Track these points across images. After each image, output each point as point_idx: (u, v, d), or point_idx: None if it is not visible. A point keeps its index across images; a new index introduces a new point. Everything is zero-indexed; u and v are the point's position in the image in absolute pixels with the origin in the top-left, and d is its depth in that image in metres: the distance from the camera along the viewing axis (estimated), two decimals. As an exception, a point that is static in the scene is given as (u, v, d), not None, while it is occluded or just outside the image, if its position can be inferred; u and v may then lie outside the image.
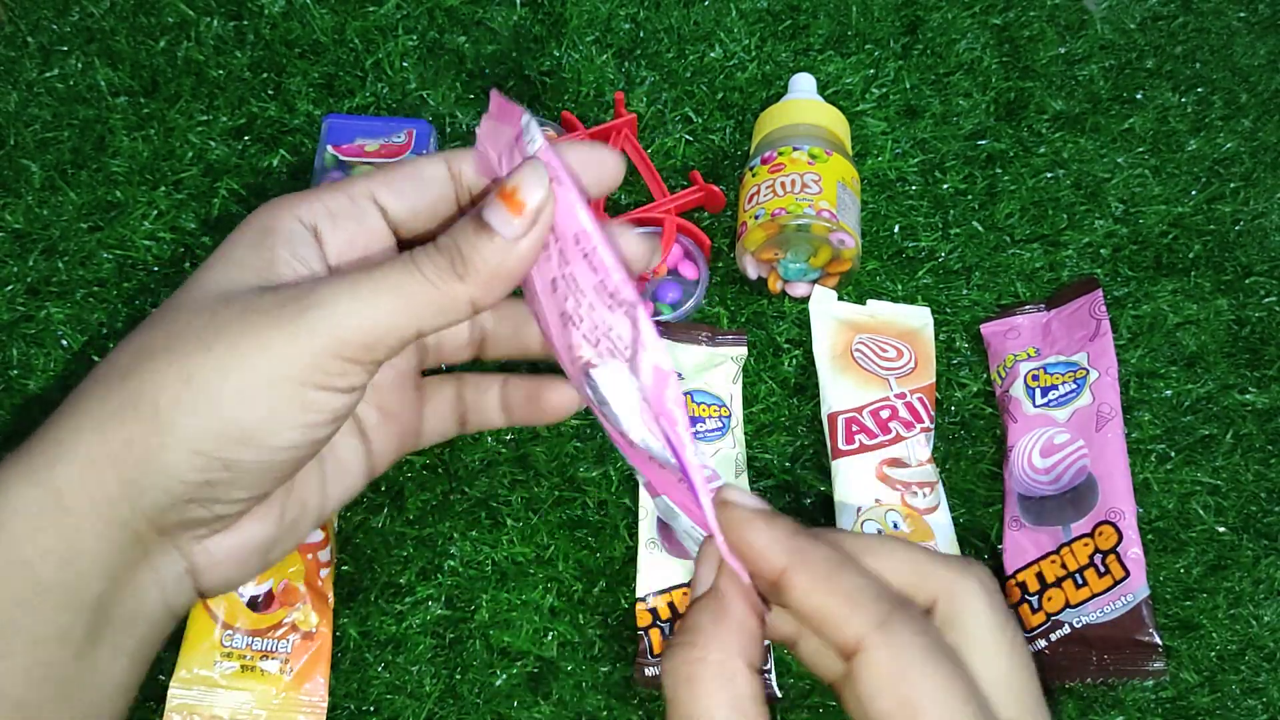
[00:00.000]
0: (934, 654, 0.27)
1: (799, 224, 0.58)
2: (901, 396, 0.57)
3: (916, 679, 0.26)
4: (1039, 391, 0.57)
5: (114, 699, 0.32)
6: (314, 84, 0.67)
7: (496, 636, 0.52)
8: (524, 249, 0.31)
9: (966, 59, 0.70)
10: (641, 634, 0.52)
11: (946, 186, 0.66)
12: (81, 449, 0.30)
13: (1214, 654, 0.53)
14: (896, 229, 0.64)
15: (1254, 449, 0.58)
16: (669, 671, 0.29)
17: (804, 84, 0.65)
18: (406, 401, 0.39)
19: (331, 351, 0.31)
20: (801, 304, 0.61)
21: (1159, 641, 0.51)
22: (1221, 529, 0.56)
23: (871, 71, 0.69)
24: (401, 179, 0.34)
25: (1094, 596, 0.52)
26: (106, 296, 0.59)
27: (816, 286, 0.61)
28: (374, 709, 0.50)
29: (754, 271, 0.61)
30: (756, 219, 0.59)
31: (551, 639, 0.52)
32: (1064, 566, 0.53)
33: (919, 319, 0.61)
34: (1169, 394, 0.60)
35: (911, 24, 0.72)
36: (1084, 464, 0.55)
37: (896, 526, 0.54)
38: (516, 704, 0.51)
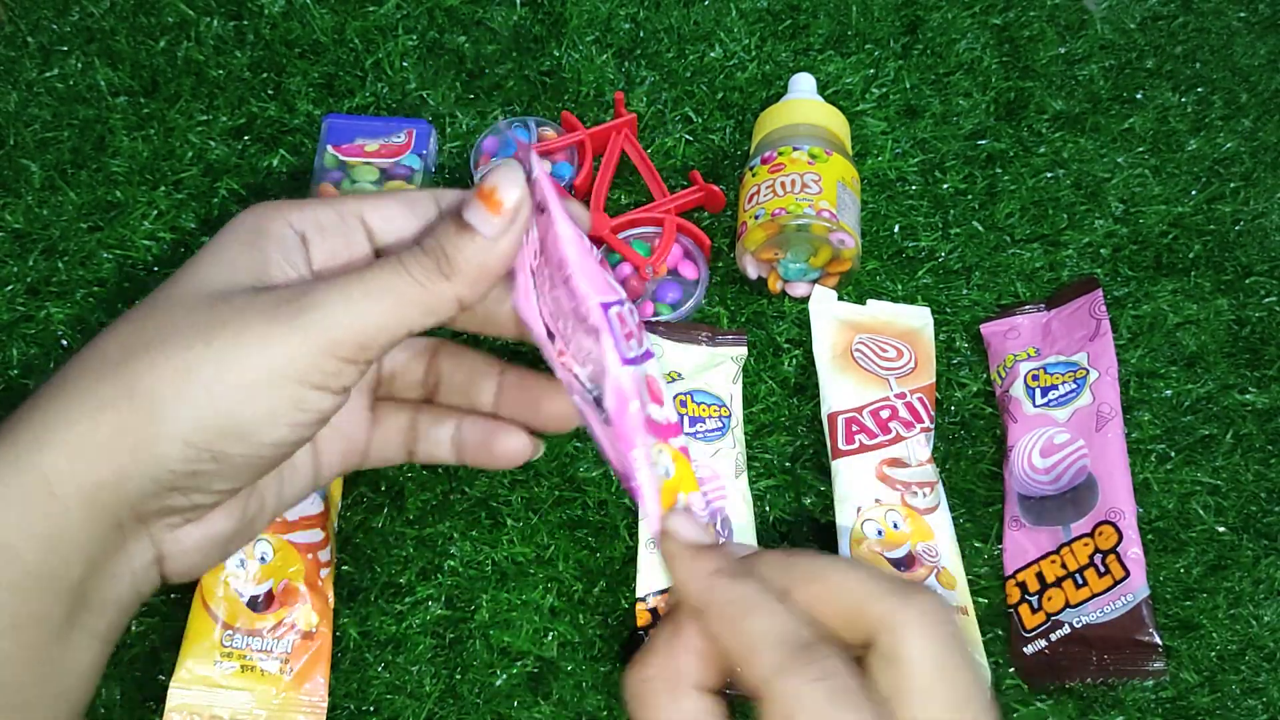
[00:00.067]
0: (835, 700, 0.27)
1: (799, 224, 0.58)
2: (901, 396, 0.57)
3: None
4: (1039, 391, 0.57)
5: (86, 681, 0.33)
6: (314, 84, 0.67)
7: (496, 636, 0.52)
8: (504, 247, 0.33)
9: (966, 59, 0.70)
10: (642, 634, 0.52)
11: (946, 186, 0.66)
12: (72, 436, 0.30)
13: (1214, 654, 0.53)
14: (896, 229, 0.64)
15: (1254, 449, 0.59)
16: (625, 688, 0.31)
17: (804, 84, 0.65)
18: (357, 420, 0.40)
19: (328, 351, 0.32)
20: (801, 304, 0.61)
21: (1159, 641, 0.51)
22: (1221, 529, 0.56)
23: (871, 71, 0.69)
24: (392, 204, 0.36)
25: (1094, 596, 0.52)
26: (106, 296, 0.59)
27: (816, 286, 0.61)
28: (374, 709, 0.50)
29: (754, 271, 0.61)
30: (756, 219, 0.59)
31: (551, 639, 0.52)
32: (1064, 566, 0.53)
33: (919, 319, 0.61)
34: (1169, 394, 0.60)
35: (911, 24, 0.72)
36: (1084, 464, 0.55)
37: (896, 526, 0.54)
38: (516, 704, 0.51)
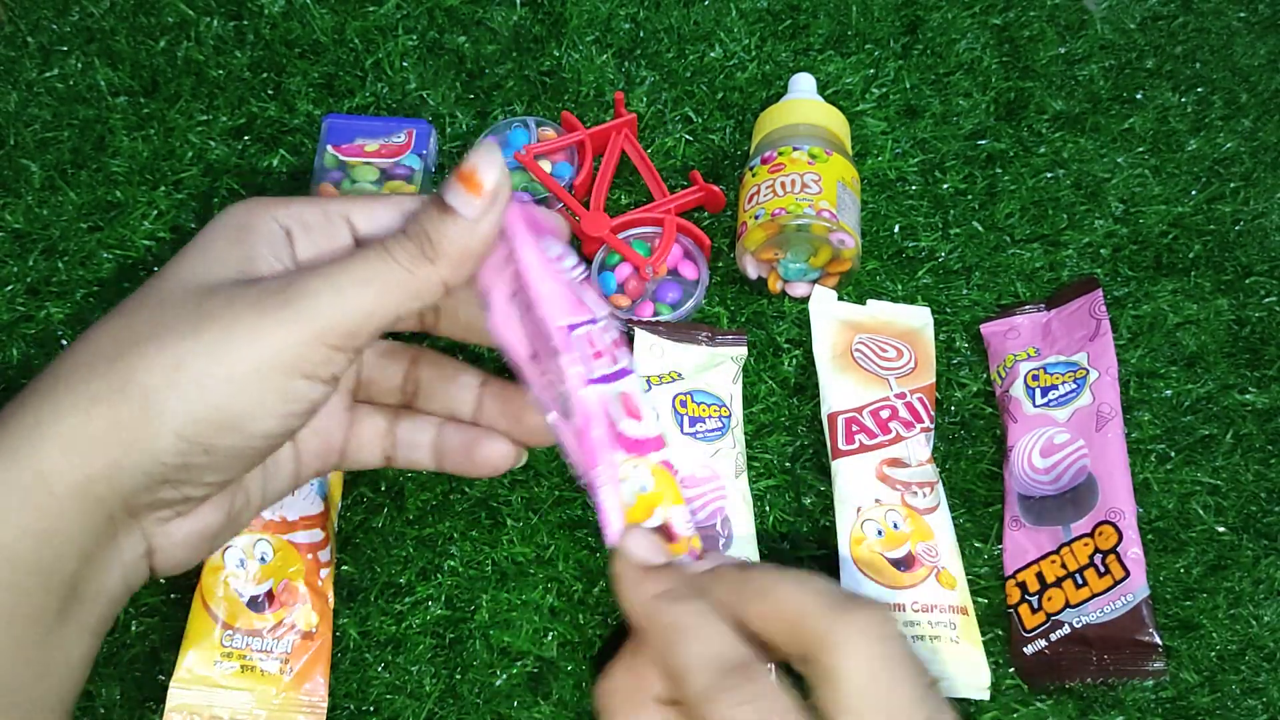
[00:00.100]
0: None
1: (799, 224, 0.58)
2: (901, 396, 0.57)
3: None
4: (1039, 391, 0.57)
5: (77, 673, 0.33)
6: (314, 84, 0.67)
7: (496, 636, 0.52)
8: (485, 229, 0.33)
9: (966, 59, 0.70)
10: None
11: (946, 186, 0.66)
12: (65, 430, 0.31)
13: (1214, 654, 0.53)
14: (896, 229, 0.64)
15: (1254, 449, 0.59)
16: (594, 699, 0.32)
17: (804, 84, 0.65)
18: (335, 420, 0.40)
19: (316, 339, 0.32)
20: (801, 304, 0.61)
21: (1159, 641, 0.51)
22: (1221, 529, 0.56)
23: (871, 71, 0.69)
24: (378, 205, 0.36)
25: (1094, 596, 0.52)
26: (106, 296, 0.59)
27: (816, 286, 0.61)
28: (374, 709, 0.50)
29: (754, 271, 0.61)
30: (756, 219, 0.59)
31: (551, 639, 0.52)
32: (1064, 566, 0.53)
33: (919, 319, 0.61)
34: (1169, 394, 0.60)
35: (911, 24, 0.72)
36: (1084, 464, 0.55)
37: (896, 527, 0.54)
38: (516, 704, 0.51)
